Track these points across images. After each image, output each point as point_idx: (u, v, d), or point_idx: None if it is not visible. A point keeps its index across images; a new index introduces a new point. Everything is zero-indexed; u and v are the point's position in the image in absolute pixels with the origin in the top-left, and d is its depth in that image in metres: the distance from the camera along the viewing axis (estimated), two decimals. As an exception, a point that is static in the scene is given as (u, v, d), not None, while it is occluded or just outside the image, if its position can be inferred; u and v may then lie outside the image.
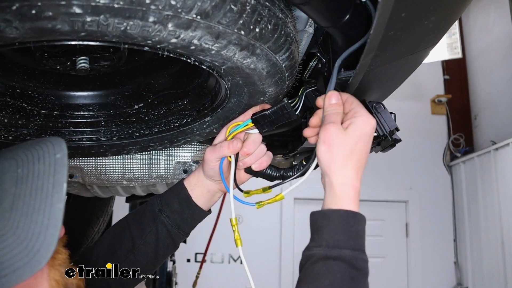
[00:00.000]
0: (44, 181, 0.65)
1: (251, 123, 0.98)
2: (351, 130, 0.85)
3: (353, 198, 0.84)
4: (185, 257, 5.03)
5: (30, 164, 0.67)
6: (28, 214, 0.63)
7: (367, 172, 3.18)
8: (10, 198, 0.64)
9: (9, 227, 0.62)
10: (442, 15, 0.74)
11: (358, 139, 0.85)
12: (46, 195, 0.64)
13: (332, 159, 0.85)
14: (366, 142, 0.87)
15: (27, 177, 0.66)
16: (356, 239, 0.82)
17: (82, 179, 1.40)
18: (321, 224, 0.83)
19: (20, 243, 0.61)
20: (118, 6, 0.58)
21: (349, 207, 0.83)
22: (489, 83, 5.28)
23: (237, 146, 0.98)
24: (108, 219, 2.41)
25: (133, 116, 1.19)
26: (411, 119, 5.57)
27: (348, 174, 0.85)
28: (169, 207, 1.06)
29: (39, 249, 0.61)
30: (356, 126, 0.85)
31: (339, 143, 0.84)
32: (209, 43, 0.70)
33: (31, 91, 1.15)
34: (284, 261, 5.21)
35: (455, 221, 5.52)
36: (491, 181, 4.71)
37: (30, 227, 0.62)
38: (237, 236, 0.97)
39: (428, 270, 5.39)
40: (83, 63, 0.91)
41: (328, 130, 0.85)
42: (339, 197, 0.84)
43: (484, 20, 5.37)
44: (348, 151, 0.84)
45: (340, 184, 0.84)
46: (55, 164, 0.67)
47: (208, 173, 1.04)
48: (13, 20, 0.57)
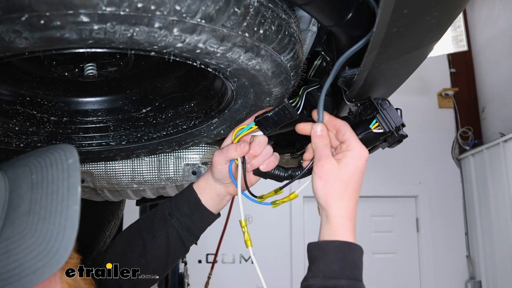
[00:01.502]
0: (59, 185, 0.67)
1: (255, 126, 0.99)
2: (344, 164, 0.89)
3: (349, 229, 0.87)
4: (197, 258, 5.06)
5: (44, 170, 0.69)
6: (45, 216, 0.65)
7: (376, 168, 3.20)
8: (27, 203, 0.66)
9: (28, 230, 0.64)
10: (444, 10, 0.74)
11: (352, 173, 0.88)
12: (62, 199, 0.66)
13: (328, 194, 0.88)
14: (360, 175, 0.90)
15: (41, 182, 0.67)
16: (352, 269, 0.84)
17: (92, 183, 1.42)
18: (317, 255, 0.86)
19: (39, 244, 0.63)
20: (124, 14, 0.59)
21: (345, 238, 0.86)
22: (496, 74, 5.24)
23: (244, 148, 0.99)
24: (119, 223, 2.43)
25: (141, 120, 1.21)
26: (419, 114, 5.55)
27: (344, 206, 0.88)
28: (179, 210, 1.07)
29: (58, 249, 0.63)
30: (349, 160, 0.89)
31: (334, 178, 0.88)
32: (214, 46, 0.71)
33: (40, 99, 1.17)
34: (295, 259, 5.21)
35: (466, 215, 5.50)
36: (501, 173, 4.68)
37: (48, 229, 0.64)
38: (247, 237, 0.99)
39: (440, 264, 5.36)
40: (91, 69, 0.93)
41: (324, 167, 0.89)
42: (335, 229, 0.87)
43: (489, 12, 5.34)
44: (343, 185, 0.88)
45: (337, 216, 0.87)
46: (68, 169, 0.68)
47: (217, 176, 1.05)
48: (23, 31, 0.58)
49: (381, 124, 0.92)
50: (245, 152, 1.00)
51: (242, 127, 1.02)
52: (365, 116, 0.96)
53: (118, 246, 1.10)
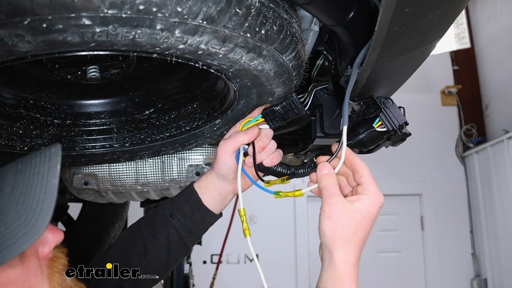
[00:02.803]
0: (41, 167, 0.71)
1: (261, 118, 0.99)
2: (357, 208, 0.85)
3: (353, 277, 0.85)
4: (201, 259, 5.06)
5: (28, 160, 0.73)
6: (26, 192, 0.68)
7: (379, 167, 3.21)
8: (10, 186, 0.70)
9: (10, 205, 0.68)
10: (446, 7, 0.74)
11: (363, 218, 0.85)
12: (42, 176, 0.69)
13: (337, 236, 0.85)
14: (370, 222, 0.87)
15: (25, 169, 0.71)
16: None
17: (96, 185, 1.42)
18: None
19: (19, 217, 0.66)
20: (126, 16, 0.59)
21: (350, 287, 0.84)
22: (499, 71, 5.23)
23: (254, 131, 0.97)
24: (123, 224, 2.44)
25: (145, 122, 1.21)
26: (422, 112, 5.54)
27: (350, 253, 0.85)
28: (180, 211, 1.07)
29: (37, 219, 0.66)
30: (363, 205, 0.86)
31: (345, 221, 0.84)
32: (216, 47, 0.71)
33: (43, 102, 1.17)
34: (300, 258, 5.21)
35: (470, 212, 5.48)
36: (505, 170, 4.67)
37: (29, 202, 0.67)
38: (245, 226, 0.96)
39: (445, 262, 5.35)
40: (94, 72, 0.93)
41: (335, 205, 0.85)
42: (340, 276, 0.84)
43: (491, 9, 5.32)
44: (353, 229, 0.85)
45: (343, 263, 0.84)
46: (50, 155, 0.72)
47: (221, 170, 1.03)
48: (25, 35, 0.58)
49: (384, 123, 0.91)
50: (255, 136, 0.97)
51: (249, 119, 1.01)
52: (368, 115, 0.96)
53: (118, 247, 1.10)
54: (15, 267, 0.70)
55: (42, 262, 0.76)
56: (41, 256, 0.76)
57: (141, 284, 1.07)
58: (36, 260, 0.75)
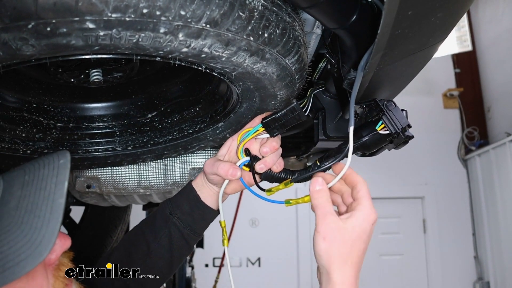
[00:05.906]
0: (48, 181, 0.69)
1: (261, 128, 0.99)
2: (351, 226, 0.85)
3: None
4: (203, 262, 5.05)
5: (36, 170, 0.72)
6: (32, 210, 0.67)
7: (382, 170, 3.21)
8: (16, 199, 0.69)
9: (14, 223, 0.66)
10: (449, 11, 0.74)
11: (357, 236, 0.85)
12: (48, 193, 0.68)
13: (333, 257, 0.84)
14: (365, 239, 0.86)
15: (32, 181, 0.70)
16: None
17: (99, 189, 1.42)
18: None
19: (23, 236, 0.65)
20: (129, 19, 0.59)
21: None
22: (501, 74, 5.22)
23: (236, 174, 0.98)
24: (126, 228, 2.44)
25: (147, 125, 1.21)
26: (424, 115, 5.54)
27: (347, 273, 0.84)
28: (179, 209, 1.08)
29: (41, 240, 0.64)
30: (356, 222, 0.85)
31: (339, 240, 0.84)
32: (219, 51, 0.71)
33: (46, 105, 1.18)
34: (302, 261, 5.20)
35: (473, 215, 5.47)
36: (507, 172, 4.66)
37: (33, 222, 0.66)
38: (224, 236, 1.04)
39: (447, 265, 5.34)
40: (97, 75, 0.93)
41: (329, 225, 0.85)
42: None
43: (493, 11, 5.32)
44: (348, 248, 0.84)
45: (340, 284, 0.84)
46: (58, 168, 0.71)
47: (210, 182, 1.05)
48: (29, 38, 0.58)
49: (387, 126, 0.91)
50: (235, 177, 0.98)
51: (248, 129, 1.01)
52: (371, 118, 0.96)
53: (122, 248, 1.11)
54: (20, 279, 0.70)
55: (48, 269, 0.76)
56: (47, 263, 0.75)
57: (147, 283, 1.08)
58: (43, 269, 0.74)
